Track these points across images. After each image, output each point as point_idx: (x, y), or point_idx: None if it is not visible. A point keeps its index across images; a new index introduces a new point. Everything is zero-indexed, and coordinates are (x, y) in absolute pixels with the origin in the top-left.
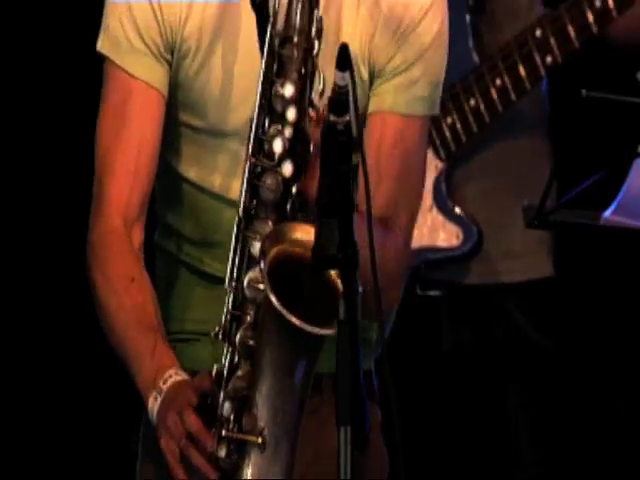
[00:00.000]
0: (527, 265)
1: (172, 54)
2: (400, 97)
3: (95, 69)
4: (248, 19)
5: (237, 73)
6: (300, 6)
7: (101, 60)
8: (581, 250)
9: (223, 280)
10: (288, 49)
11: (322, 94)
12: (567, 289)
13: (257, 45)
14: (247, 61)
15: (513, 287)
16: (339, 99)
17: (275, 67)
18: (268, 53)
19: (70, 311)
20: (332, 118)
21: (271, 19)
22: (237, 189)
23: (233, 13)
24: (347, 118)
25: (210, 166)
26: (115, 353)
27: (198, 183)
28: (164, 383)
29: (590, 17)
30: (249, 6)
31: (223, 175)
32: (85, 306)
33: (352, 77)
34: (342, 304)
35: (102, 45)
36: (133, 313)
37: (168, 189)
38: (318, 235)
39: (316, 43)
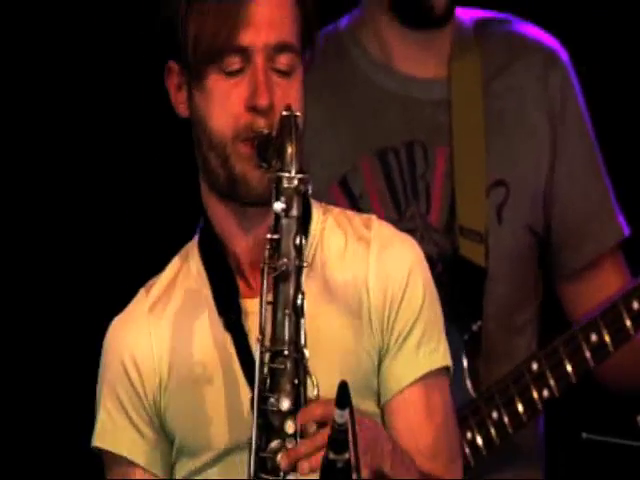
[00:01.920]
0: None
1: (162, 421)
2: (411, 366)
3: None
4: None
5: (227, 396)
6: (287, 318)
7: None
8: None
9: None
10: (279, 362)
11: (317, 397)
12: None
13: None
14: (234, 381)
15: None
16: (338, 437)
17: (268, 382)
18: (260, 369)
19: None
20: (331, 456)
21: (260, 337)
22: None
23: (207, 343)
24: (347, 456)
25: None
26: None
27: None
28: None
29: (586, 351)
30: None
31: None
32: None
33: (352, 415)
34: None
35: (96, 439)
36: None
37: None
38: None
39: (305, 351)
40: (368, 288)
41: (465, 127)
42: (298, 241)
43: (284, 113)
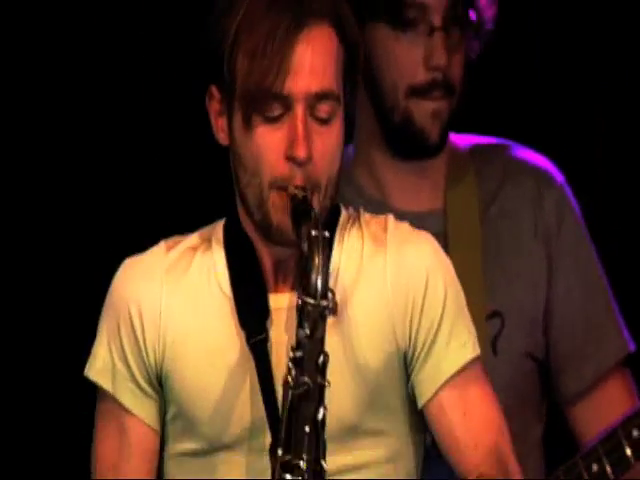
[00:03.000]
0: None
1: (161, 383)
2: (443, 366)
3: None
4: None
5: (230, 388)
6: (307, 435)
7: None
8: None
9: None
10: (297, 474)
11: None
12: None
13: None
14: (239, 375)
15: None
16: None
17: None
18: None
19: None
20: None
21: (279, 452)
22: None
23: (224, 337)
24: None
25: None
26: None
27: None
28: None
29: (607, 465)
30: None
31: None
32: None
33: None
34: None
35: (94, 373)
36: None
37: None
38: None
39: (324, 463)
40: (388, 299)
41: (462, 259)
42: (321, 360)
43: (313, 233)
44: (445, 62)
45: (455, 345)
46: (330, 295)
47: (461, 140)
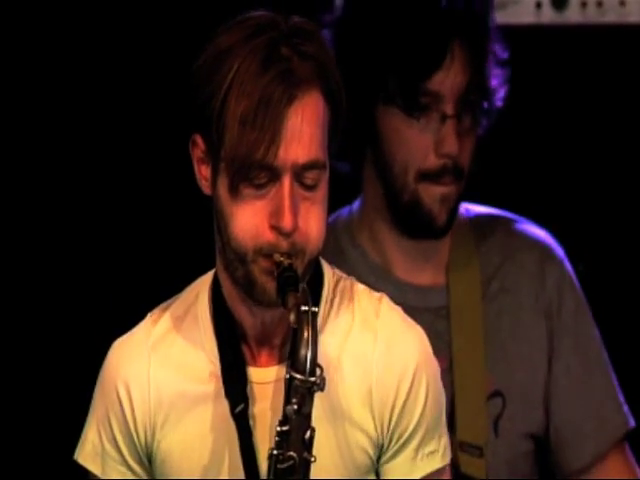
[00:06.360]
0: None
1: (150, 460)
2: (409, 469)
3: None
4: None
5: (216, 462)
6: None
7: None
8: None
9: None
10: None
11: None
12: None
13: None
14: (226, 448)
15: None
16: None
17: None
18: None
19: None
20: None
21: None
22: None
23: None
24: None
25: None
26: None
27: None
28: None
29: None
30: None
31: None
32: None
33: None
34: None
35: (84, 459)
36: None
37: None
38: None
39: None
40: (371, 386)
41: (465, 336)
42: (308, 435)
43: (303, 308)
44: (456, 150)
45: (425, 452)
46: (318, 371)
47: (462, 210)
